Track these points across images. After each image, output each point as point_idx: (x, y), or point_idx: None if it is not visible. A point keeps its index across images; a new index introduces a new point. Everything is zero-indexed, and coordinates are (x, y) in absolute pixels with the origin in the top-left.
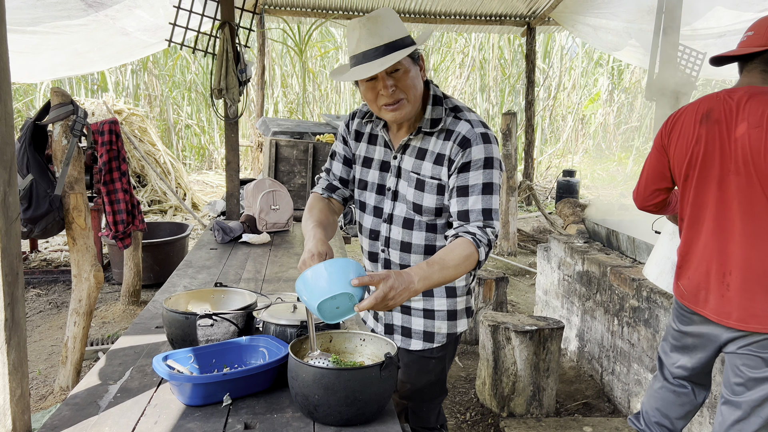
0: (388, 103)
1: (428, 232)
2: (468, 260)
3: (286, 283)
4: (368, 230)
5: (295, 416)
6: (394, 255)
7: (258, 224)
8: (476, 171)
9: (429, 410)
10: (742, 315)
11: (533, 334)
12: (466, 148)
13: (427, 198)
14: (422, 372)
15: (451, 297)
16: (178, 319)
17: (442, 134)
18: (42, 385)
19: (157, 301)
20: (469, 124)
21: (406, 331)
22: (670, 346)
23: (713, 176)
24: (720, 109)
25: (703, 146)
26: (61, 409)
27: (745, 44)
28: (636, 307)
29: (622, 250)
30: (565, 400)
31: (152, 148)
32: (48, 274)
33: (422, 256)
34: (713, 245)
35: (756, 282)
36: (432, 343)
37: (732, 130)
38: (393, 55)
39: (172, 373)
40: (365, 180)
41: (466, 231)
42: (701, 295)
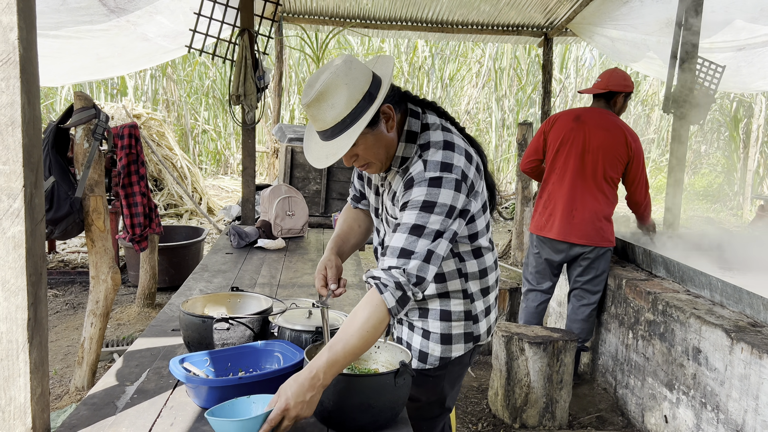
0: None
1: None
2: (373, 317)
3: (300, 289)
4: (375, 248)
5: (310, 422)
6: None
7: (273, 230)
8: (412, 211)
9: (430, 428)
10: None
11: (547, 345)
12: (408, 188)
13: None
14: (420, 389)
15: (445, 321)
16: (195, 323)
17: (402, 173)
18: (58, 385)
19: (173, 304)
20: (422, 166)
21: (407, 347)
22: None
23: (575, 153)
24: (585, 115)
25: (572, 134)
26: (79, 409)
27: (596, 86)
28: (651, 320)
29: (637, 263)
30: (578, 413)
31: (169, 152)
32: (65, 275)
33: None
34: (569, 194)
35: (587, 213)
36: (425, 363)
37: (590, 128)
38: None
39: (188, 376)
40: (369, 201)
41: (371, 276)
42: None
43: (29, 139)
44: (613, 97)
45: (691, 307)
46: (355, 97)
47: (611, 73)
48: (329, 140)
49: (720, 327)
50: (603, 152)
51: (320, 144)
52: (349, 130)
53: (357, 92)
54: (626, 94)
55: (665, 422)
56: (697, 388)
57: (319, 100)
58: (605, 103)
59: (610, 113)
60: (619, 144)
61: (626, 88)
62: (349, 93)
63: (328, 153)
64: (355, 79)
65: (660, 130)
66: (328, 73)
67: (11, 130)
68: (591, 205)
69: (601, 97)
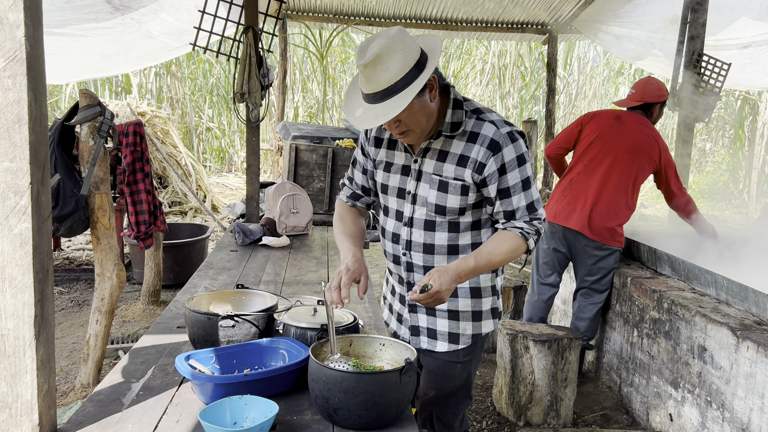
0: (396, 133)
1: (450, 232)
2: (516, 251)
3: (305, 286)
4: (390, 233)
5: (315, 419)
6: (417, 257)
7: (278, 227)
8: (513, 171)
9: (454, 416)
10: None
11: (552, 343)
12: (497, 152)
13: (450, 199)
14: (448, 378)
15: (476, 297)
16: (201, 320)
17: (464, 136)
18: (63, 382)
19: (178, 301)
20: (493, 126)
21: (432, 333)
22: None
23: (612, 150)
24: (625, 117)
25: (612, 131)
26: (86, 406)
27: (631, 98)
28: (656, 318)
29: (642, 260)
30: (582, 411)
31: (174, 150)
32: (70, 273)
33: (445, 256)
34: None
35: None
36: (457, 344)
37: (630, 130)
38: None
39: (194, 373)
40: (386, 184)
41: (514, 226)
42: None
43: (36, 136)
44: (650, 108)
45: (697, 306)
46: (408, 63)
47: (645, 83)
48: (378, 103)
49: (725, 325)
50: (637, 156)
51: (366, 107)
52: (401, 93)
53: (410, 59)
54: (662, 104)
55: (670, 420)
56: (703, 386)
57: (375, 62)
58: (642, 112)
59: (648, 122)
60: (652, 152)
61: (661, 98)
62: (403, 59)
63: (378, 114)
64: (409, 47)
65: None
66: (385, 38)
67: (18, 127)
68: (612, 205)
69: (637, 107)
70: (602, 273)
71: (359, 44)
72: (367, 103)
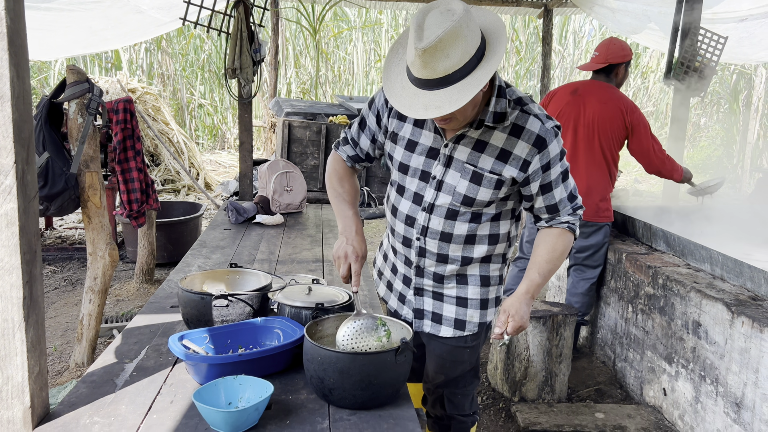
0: (438, 120)
1: (471, 223)
2: (568, 248)
3: (300, 265)
4: (404, 215)
5: (310, 398)
6: (431, 244)
7: (271, 205)
8: (555, 166)
9: (464, 396)
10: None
11: (547, 320)
12: (542, 149)
13: (482, 192)
14: (456, 362)
15: (485, 286)
16: (194, 299)
17: (507, 129)
18: (58, 362)
19: (171, 281)
20: (538, 121)
21: (437, 317)
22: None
23: (571, 127)
24: (582, 88)
25: (569, 108)
26: (78, 387)
27: (595, 60)
28: (651, 294)
29: (638, 236)
30: (576, 386)
31: (166, 127)
32: (63, 252)
33: (461, 246)
34: None
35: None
36: (462, 331)
37: (587, 102)
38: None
39: (188, 353)
40: (407, 164)
41: (560, 222)
42: None
43: (19, 114)
44: (614, 69)
45: (692, 281)
46: (470, 51)
47: (608, 44)
48: (430, 90)
49: (720, 301)
50: (598, 126)
51: (414, 90)
52: (458, 85)
53: (472, 47)
54: (626, 64)
55: (664, 395)
56: (697, 361)
57: (436, 47)
58: (605, 76)
59: (609, 86)
60: (614, 118)
61: (625, 58)
62: (466, 46)
63: (428, 104)
64: (473, 32)
65: (658, 103)
66: (449, 20)
67: (0, 104)
68: (588, 182)
69: (601, 70)
70: (593, 249)
71: (414, 17)
72: (416, 87)
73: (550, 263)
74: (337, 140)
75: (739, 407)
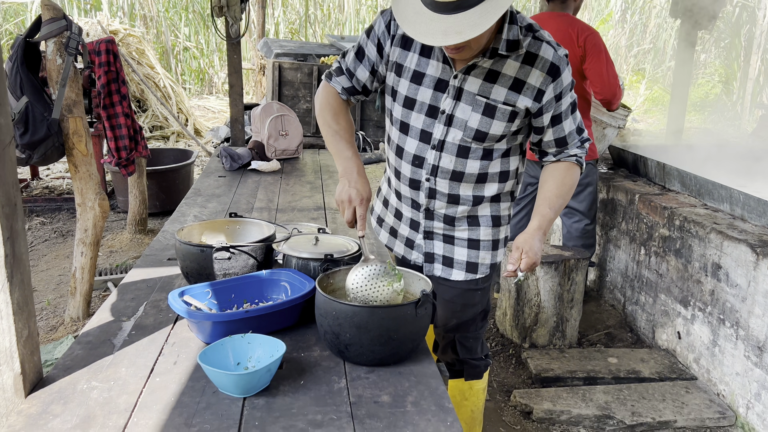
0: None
1: (483, 160)
2: (576, 182)
3: (300, 213)
4: (411, 156)
5: (324, 355)
6: (442, 184)
7: (267, 151)
8: (566, 96)
9: (476, 340)
10: None
11: (558, 264)
12: (556, 77)
13: (495, 125)
14: (468, 305)
15: (496, 226)
16: (193, 252)
17: (520, 57)
18: (52, 316)
19: (167, 232)
20: (551, 48)
21: (448, 261)
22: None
23: None
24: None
25: None
26: (73, 348)
27: None
28: (666, 236)
29: (650, 176)
30: (585, 330)
31: (151, 71)
32: (51, 202)
33: (473, 185)
34: None
35: None
36: (475, 273)
37: None
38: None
39: (190, 311)
40: (413, 98)
41: (568, 155)
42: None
43: None
44: None
45: (711, 222)
46: None
47: None
48: (448, 14)
49: (744, 242)
50: None
51: (429, 16)
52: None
53: None
54: None
55: (678, 338)
56: (715, 304)
57: None
58: (560, 3)
59: (563, 15)
60: (567, 44)
61: None
62: None
63: (447, 29)
64: None
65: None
66: None
67: None
68: None
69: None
70: (577, 190)
71: None
72: (432, 11)
73: (560, 197)
74: (328, 70)
75: (762, 351)
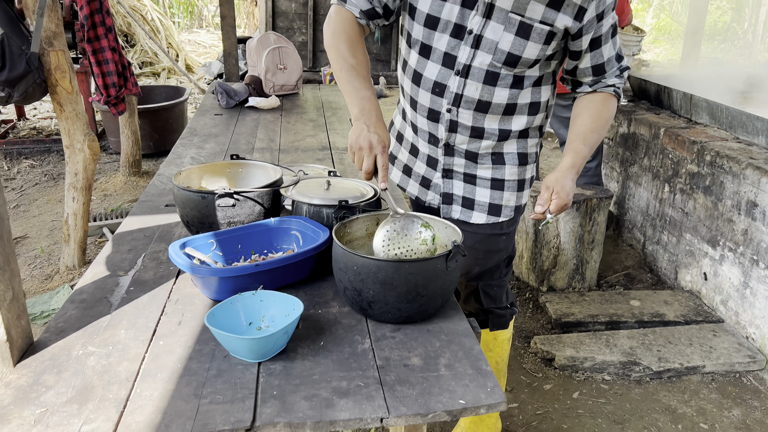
0: None
1: (512, 89)
2: (612, 116)
3: (305, 154)
4: (432, 82)
5: (344, 311)
6: (465, 116)
7: (264, 86)
8: (607, 17)
9: (500, 288)
10: None
11: (580, 204)
12: None
13: (530, 48)
14: (492, 252)
15: (523, 165)
16: (193, 199)
17: None
18: (46, 264)
19: (163, 175)
20: None
21: (468, 203)
22: None
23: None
24: None
25: None
26: (66, 308)
27: None
28: (695, 172)
29: (674, 109)
30: (603, 272)
31: (137, 2)
32: (40, 144)
33: (499, 117)
34: None
35: None
36: (498, 216)
37: None
38: None
39: (194, 265)
40: (435, 16)
41: (606, 85)
42: None
43: None
44: None
45: (747, 157)
46: None
47: None
48: None
49: None
50: None
51: None
52: None
53: None
54: None
55: (704, 280)
56: (748, 244)
57: None
58: None
59: None
60: None
61: None
62: None
63: None
64: None
65: None
66: None
67: None
68: None
69: None
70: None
71: None
72: None
73: (595, 132)
74: None
75: None
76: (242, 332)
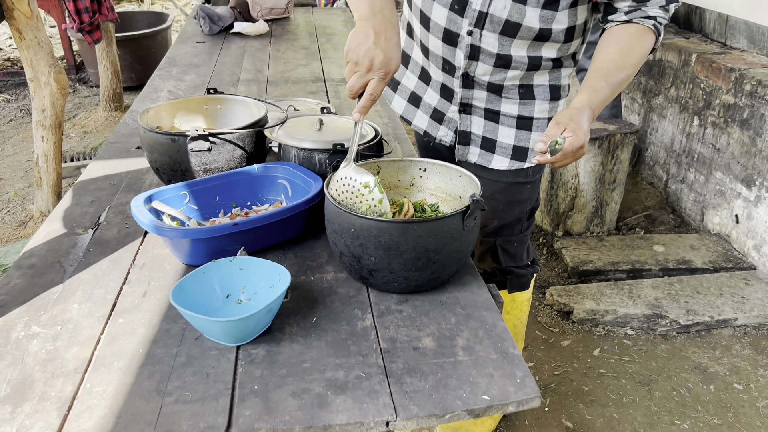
0: None
1: (545, 9)
2: (646, 56)
3: (296, 86)
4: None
5: (340, 278)
6: (490, 40)
7: (251, 10)
8: None
9: (521, 244)
10: None
11: (602, 141)
12: None
13: None
14: (513, 203)
15: (555, 100)
16: (162, 142)
17: None
18: (20, 209)
19: (136, 112)
20: None
21: (489, 144)
22: None
23: None
24: None
25: None
26: (11, 277)
27: None
28: (731, 104)
29: (706, 32)
30: (622, 213)
31: None
32: (14, 76)
33: (529, 43)
34: None
35: None
36: (523, 162)
37: None
38: None
39: (159, 226)
40: None
41: (646, 15)
42: None
43: None
44: None
45: None
46: None
47: None
48: None
49: None
50: None
51: None
52: None
53: None
54: None
55: (735, 222)
56: None
57: None
58: None
59: None
60: None
61: None
62: None
63: None
64: None
65: None
66: None
67: None
68: None
69: None
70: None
71: None
72: None
73: (623, 71)
74: None
75: None
76: (217, 308)
